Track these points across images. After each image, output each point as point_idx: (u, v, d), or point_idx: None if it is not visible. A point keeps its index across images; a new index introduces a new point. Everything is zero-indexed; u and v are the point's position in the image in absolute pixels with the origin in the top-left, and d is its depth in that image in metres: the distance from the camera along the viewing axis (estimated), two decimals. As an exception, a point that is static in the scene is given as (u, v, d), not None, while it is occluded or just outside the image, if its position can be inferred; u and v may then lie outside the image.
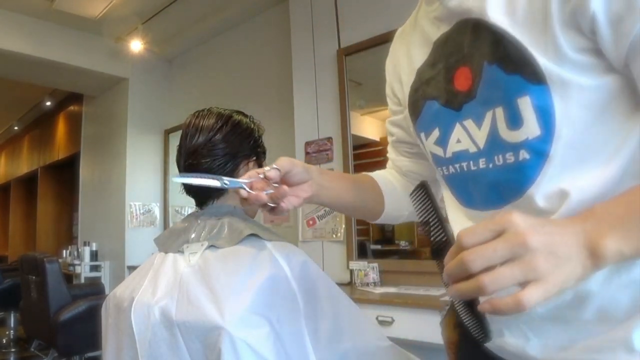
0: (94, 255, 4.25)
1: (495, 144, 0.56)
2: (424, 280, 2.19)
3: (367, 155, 2.74)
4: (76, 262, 4.29)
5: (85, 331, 2.50)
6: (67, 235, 6.12)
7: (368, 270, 2.30)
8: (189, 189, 0.93)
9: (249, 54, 3.69)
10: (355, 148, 2.60)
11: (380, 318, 1.84)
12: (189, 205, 4.01)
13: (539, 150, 0.53)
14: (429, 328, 1.74)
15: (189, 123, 0.91)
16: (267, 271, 0.76)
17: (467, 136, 0.59)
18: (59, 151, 5.82)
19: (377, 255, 2.61)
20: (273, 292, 0.74)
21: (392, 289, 2.14)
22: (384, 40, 2.47)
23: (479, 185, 0.60)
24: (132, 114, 4.24)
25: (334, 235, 2.60)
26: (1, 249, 7.91)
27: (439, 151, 0.64)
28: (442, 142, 0.63)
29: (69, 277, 4.17)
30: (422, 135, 0.67)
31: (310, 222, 2.71)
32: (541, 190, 0.53)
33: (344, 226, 2.56)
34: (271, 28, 3.51)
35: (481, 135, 0.57)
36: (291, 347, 0.72)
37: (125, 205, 4.08)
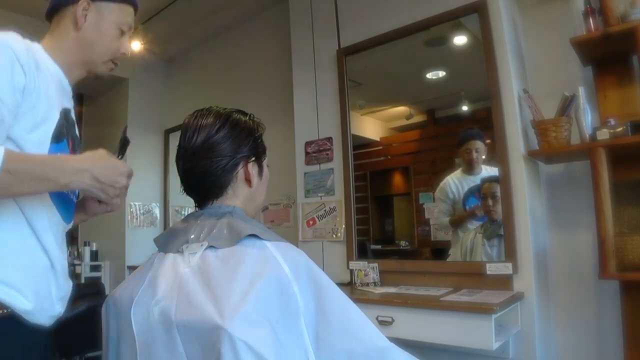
0: (94, 255, 4.25)
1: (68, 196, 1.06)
2: (424, 280, 2.19)
3: (367, 155, 2.74)
4: (76, 262, 4.28)
5: (85, 331, 2.49)
6: (67, 235, 6.10)
7: (368, 270, 2.30)
8: (189, 189, 0.93)
9: (249, 54, 3.68)
10: (355, 148, 2.60)
11: (380, 318, 1.84)
12: (189, 205, 3.99)
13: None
14: (429, 328, 1.74)
15: (187, 123, 0.91)
16: (267, 272, 0.76)
17: None
18: (59, 151, 5.80)
19: (377, 255, 2.61)
20: (273, 292, 0.74)
21: (392, 289, 2.14)
22: (384, 40, 2.47)
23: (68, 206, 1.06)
24: (132, 114, 4.24)
25: (334, 235, 2.59)
26: None
27: None
28: None
29: (69, 277, 4.17)
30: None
31: (310, 222, 2.71)
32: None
33: (344, 226, 2.55)
34: (271, 28, 3.51)
35: None
36: (291, 347, 0.72)
37: (125, 205, 4.08)
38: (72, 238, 4.81)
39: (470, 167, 2.32)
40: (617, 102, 1.89)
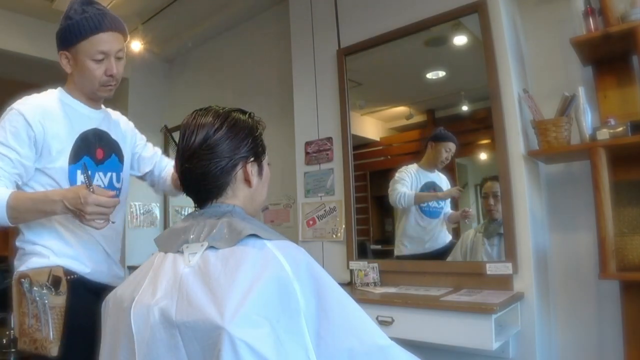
0: (94, 255, 4.25)
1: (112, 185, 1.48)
2: (424, 280, 2.19)
3: (367, 155, 2.74)
4: (76, 262, 4.28)
5: (85, 331, 2.49)
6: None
7: (368, 270, 2.30)
8: (188, 190, 0.93)
9: (249, 54, 3.68)
10: (355, 148, 2.60)
11: (380, 318, 1.84)
12: (189, 205, 3.99)
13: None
14: (428, 328, 1.74)
15: (186, 123, 0.91)
16: (268, 271, 0.76)
17: (101, 181, 1.43)
18: (59, 151, 5.79)
19: (377, 255, 2.61)
20: (273, 292, 0.74)
21: (392, 289, 2.14)
22: (384, 40, 2.47)
23: None
24: (132, 114, 4.22)
25: (334, 235, 2.59)
26: (1, 249, 7.89)
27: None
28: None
29: (69, 277, 4.16)
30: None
31: (310, 222, 2.71)
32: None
33: (344, 226, 2.55)
34: (271, 28, 3.51)
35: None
36: (291, 347, 0.72)
37: (126, 205, 4.07)
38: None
39: (437, 164, 2.45)
40: (617, 102, 1.89)
